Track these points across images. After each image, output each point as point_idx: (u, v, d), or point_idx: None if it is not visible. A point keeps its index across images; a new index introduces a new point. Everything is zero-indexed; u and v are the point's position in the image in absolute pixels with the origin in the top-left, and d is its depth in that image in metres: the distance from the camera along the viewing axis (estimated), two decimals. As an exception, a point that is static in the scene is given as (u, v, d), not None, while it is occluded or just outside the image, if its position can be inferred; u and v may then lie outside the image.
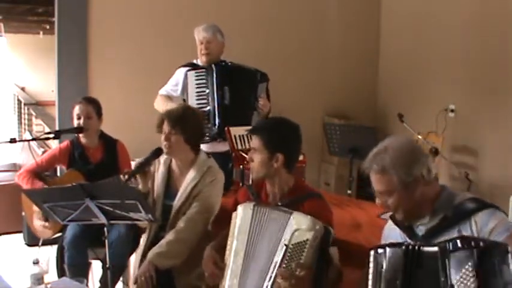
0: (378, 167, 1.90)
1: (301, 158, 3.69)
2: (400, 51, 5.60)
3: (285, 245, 2.08)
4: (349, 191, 4.24)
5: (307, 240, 2.05)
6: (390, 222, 2.07)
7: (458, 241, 1.65)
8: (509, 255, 1.62)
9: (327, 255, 2.10)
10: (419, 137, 4.50)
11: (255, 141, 2.36)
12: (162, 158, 2.89)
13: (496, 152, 4.70)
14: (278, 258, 2.09)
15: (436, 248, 1.69)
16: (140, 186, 2.80)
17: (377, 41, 5.83)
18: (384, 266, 1.78)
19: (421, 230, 1.92)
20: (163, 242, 2.68)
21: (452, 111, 4.99)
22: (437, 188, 1.93)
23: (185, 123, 2.76)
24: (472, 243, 1.62)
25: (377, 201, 1.97)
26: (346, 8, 5.60)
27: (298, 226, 2.08)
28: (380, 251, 1.81)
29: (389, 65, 5.75)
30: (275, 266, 2.09)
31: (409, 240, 1.93)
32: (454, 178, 4.85)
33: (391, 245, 1.84)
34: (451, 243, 1.66)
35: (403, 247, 1.77)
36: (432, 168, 1.91)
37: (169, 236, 2.68)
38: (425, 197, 1.90)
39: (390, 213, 2.08)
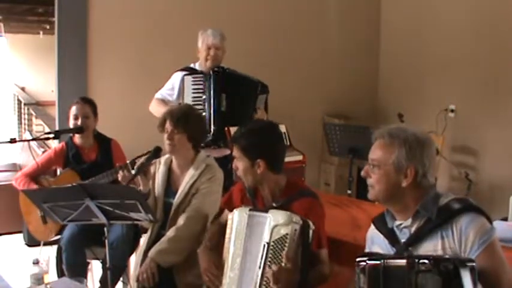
0: (390, 134, 1.87)
1: (301, 158, 3.71)
2: (400, 51, 5.60)
3: (266, 243, 2.10)
4: (349, 191, 4.24)
5: (286, 234, 2.07)
6: (372, 225, 2.04)
7: (428, 261, 1.63)
8: (475, 271, 1.61)
9: (309, 247, 2.11)
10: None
11: (235, 151, 2.35)
12: (163, 158, 2.91)
13: (496, 152, 4.70)
14: (262, 258, 2.11)
15: (404, 262, 1.66)
16: (141, 187, 2.81)
17: (377, 41, 5.83)
18: (364, 281, 1.75)
19: (404, 233, 1.87)
20: (164, 239, 2.69)
21: (452, 111, 4.99)
22: (426, 192, 1.87)
23: (188, 122, 2.76)
24: (441, 267, 1.60)
25: (362, 171, 1.92)
26: (346, 8, 5.60)
27: (276, 222, 2.10)
28: (362, 263, 1.77)
29: (389, 65, 5.75)
30: (260, 267, 2.10)
31: (390, 249, 1.90)
32: (454, 178, 4.85)
33: (372, 257, 1.79)
34: (420, 263, 1.63)
35: (382, 262, 1.72)
36: (431, 177, 1.86)
37: (170, 233, 2.69)
38: (407, 194, 1.85)
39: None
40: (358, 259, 1.80)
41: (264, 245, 2.10)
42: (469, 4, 4.88)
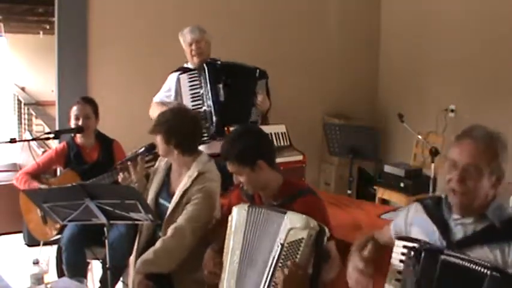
0: (489, 135, 1.73)
1: (301, 158, 3.70)
2: (400, 51, 5.60)
3: (281, 244, 2.09)
4: (349, 191, 4.24)
5: (302, 239, 2.06)
6: (419, 207, 1.92)
7: (499, 273, 1.56)
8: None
9: (323, 253, 2.10)
10: (419, 137, 4.50)
11: (231, 167, 2.34)
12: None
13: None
14: (274, 257, 2.10)
15: (487, 271, 1.56)
16: (133, 177, 2.84)
17: (377, 41, 5.83)
18: (417, 270, 1.67)
19: (458, 230, 1.77)
20: (151, 250, 2.61)
21: (452, 111, 5.00)
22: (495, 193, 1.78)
23: (166, 128, 2.69)
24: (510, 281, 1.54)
25: (457, 176, 1.72)
26: (346, 8, 5.60)
27: (293, 225, 2.09)
28: (411, 252, 1.68)
29: (389, 65, 5.75)
30: (271, 265, 2.10)
31: (438, 237, 1.80)
32: (454, 178, 4.83)
33: (427, 248, 1.69)
34: (496, 274, 1.55)
35: (441, 256, 1.64)
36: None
37: (157, 244, 2.61)
38: (487, 198, 1.75)
39: (392, 213, 2.04)
40: (407, 243, 1.72)
41: (279, 245, 2.09)
42: (469, 4, 4.88)
